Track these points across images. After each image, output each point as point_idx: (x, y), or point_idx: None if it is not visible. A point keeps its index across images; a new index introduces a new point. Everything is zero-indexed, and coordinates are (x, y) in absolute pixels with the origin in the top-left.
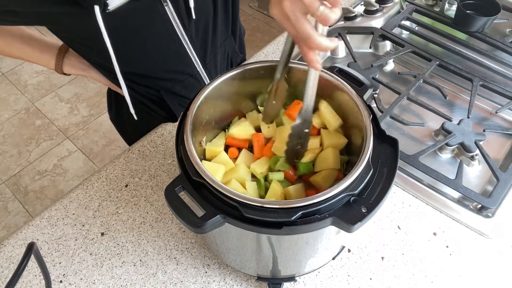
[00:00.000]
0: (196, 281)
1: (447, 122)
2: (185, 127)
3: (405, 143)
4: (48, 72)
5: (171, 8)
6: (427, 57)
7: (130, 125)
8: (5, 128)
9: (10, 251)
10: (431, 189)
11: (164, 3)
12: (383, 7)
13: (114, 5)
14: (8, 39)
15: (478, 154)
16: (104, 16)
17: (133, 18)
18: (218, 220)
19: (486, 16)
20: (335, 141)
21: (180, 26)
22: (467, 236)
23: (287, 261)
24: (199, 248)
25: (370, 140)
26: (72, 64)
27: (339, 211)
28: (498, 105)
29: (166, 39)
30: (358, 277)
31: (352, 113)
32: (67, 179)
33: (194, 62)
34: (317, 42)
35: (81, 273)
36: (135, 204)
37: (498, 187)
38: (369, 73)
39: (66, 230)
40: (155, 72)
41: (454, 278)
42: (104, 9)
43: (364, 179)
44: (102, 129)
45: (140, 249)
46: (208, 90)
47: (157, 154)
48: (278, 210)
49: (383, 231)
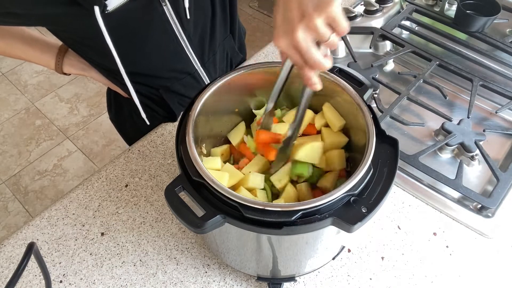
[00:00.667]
0: (196, 281)
1: (447, 122)
2: (185, 127)
3: (405, 143)
4: (48, 72)
5: (169, 7)
6: (427, 57)
7: (130, 125)
8: (5, 128)
9: (10, 251)
10: (431, 189)
11: (163, 3)
12: (383, 7)
13: (113, 6)
14: (9, 40)
15: (478, 154)
16: (104, 17)
17: (132, 18)
18: (218, 220)
19: (486, 16)
20: (336, 140)
21: (178, 26)
22: (467, 236)
23: (287, 261)
24: (199, 248)
25: (373, 141)
26: (72, 64)
27: (339, 211)
28: (498, 105)
29: (165, 38)
30: (358, 277)
31: (352, 114)
32: (67, 179)
33: (192, 60)
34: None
35: (81, 273)
36: (135, 204)
37: (498, 187)
38: (369, 73)
39: (66, 230)
40: (154, 70)
41: (454, 278)
42: (103, 9)
43: (364, 179)
44: (102, 129)
45: (140, 249)
46: (210, 91)
47: (157, 154)
48: (279, 211)
49: (383, 231)
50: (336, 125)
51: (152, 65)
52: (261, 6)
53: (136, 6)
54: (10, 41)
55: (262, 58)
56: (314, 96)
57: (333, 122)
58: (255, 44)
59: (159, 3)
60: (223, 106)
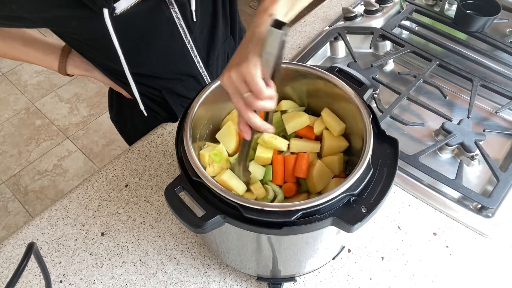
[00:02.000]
0: (196, 281)
1: (447, 122)
2: (185, 127)
3: (405, 143)
4: (48, 72)
5: (176, 10)
6: (427, 57)
7: (131, 125)
8: (5, 128)
9: (10, 251)
10: (431, 189)
11: (170, 6)
12: (383, 7)
13: (121, 8)
14: (11, 42)
15: (478, 154)
16: (112, 19)
17: (139, 20)
18: (218, 220)
19: (486, 16)
20: (337, 144)
21: (185, 28)
22: (467, 236)
23: (287, 261)
24: (199, 248)
25: (371, 141)
26: (76, 65)
27: (339, 211)
28: (498, 105)
29: (171, 40)
30: (358, 277)
31: (352, 114)
32: (67, 179)
33: (197, 63)
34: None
35: (81, 273)
36: (135, 204)
37: (498, 187)
38: (369, 73)
39: (66, 230)
40: (159, 72)
41: (454, 278)
42: (112, 12)
43: (364, 179)
44: (102, 129)
45: (140, 249)
46: (208, 91)
47: (157, 154)
48: (278, 211)
49: (383, 231)
50: (336, 129)
51: (157, 67)
52: None
53: (144, 9)
54: (12, 43)
55: None
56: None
57: (333, 127)
58: None
59: (166, 6)
60: (222, 106)
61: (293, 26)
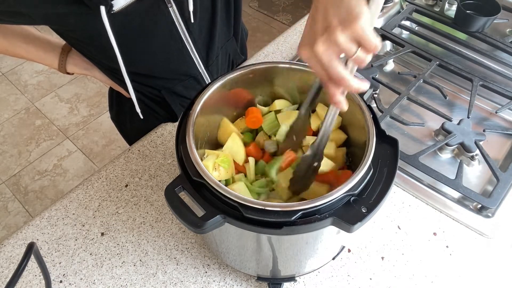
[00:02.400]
0: (196, 281)
1: (447, 122)
2: (185, 127)
3: (405, 143)
4: (48, 72)
5: (175, 9)
6: (427, 57)
7: (131, 124)
8: (5, 128)
9: (10, 251)
10: (431, 189)
11: (168, 4)
12: (383, 7)
13: (119, 6)
14: (12, 39)
15: (478, 154)
16: (109, 16)
17: (137, 19)
18: (218, 220)
19: (486, 16)
20: (335, 137)
21: (183, 27)
22: (467, 236)
23: (287, 261)
24: (199, 248)
25: (373, 142)
26: (75, 64)
27: (339, 211)
28: (498, 105)
29: (170, 40)
30: (358, 277)
31: (349, 110)
32: (67, 179)
33: (196, 63)
34: (349, 84)
35: (81, 273)
36: (135, 204)
37: (498, 187)
38: (369, 73)
39: (66, 230)
40: (157, 72)
41: (454, 278)
42: (109, 9)
43: (364, 179)
44: (102, 129)
45: (140, 249)
46: (210, 91)
47: (157, 154)
48: (279, 211)
49: (383, 231)
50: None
51: (155, 66)
52: (261, 6)
53: (142, 7)
54: (13, 40)
55: (262, 58)
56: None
57: None
58: (255, 44)
59: (164, 4)
60: (223, 106)
61: (294, 26)
